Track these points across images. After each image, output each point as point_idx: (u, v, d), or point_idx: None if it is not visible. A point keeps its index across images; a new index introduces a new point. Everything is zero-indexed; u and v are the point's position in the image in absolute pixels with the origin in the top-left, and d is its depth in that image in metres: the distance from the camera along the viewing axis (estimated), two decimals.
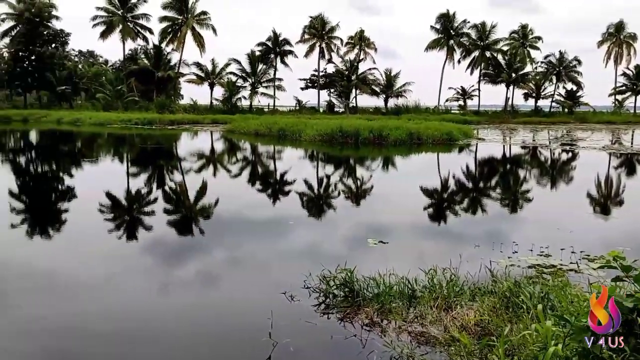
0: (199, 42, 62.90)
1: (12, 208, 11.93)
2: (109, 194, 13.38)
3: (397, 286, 5.80)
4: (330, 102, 74.49)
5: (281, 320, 5.22)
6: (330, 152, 26.74)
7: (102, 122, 46.63)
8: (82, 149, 29.54)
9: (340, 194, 14.62)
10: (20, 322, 5.40)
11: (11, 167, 20.45)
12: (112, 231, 9.71)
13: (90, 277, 6.86)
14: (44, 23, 64.59)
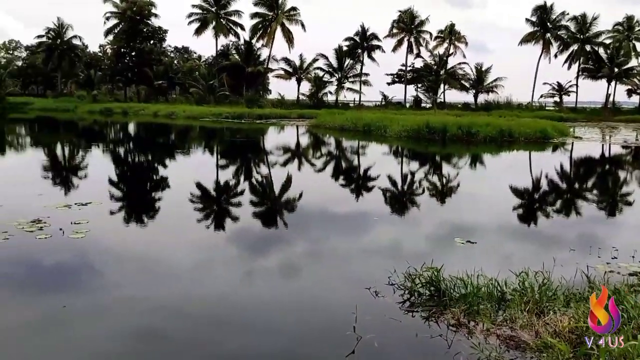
0: (288, 38, 63.95)
1: (111, 195, 12.63)
2: (200, 185, 13.85)
3: (485, 287, 5.52)
4: (417, 98, 73.32)
5: (365, 315, 5.11)
6: (415, 148, 26.26)
7: (195, 115, 48.55)
8: (176, 140, 30.89)
9: (426, 191, 14.27)
10: (118, 302, 5.65)
11: (111, 156, 21.75)
12: (202, 220, 10.02)
13: (180, 263, 7.09)
14: (144, 21, 68.16)
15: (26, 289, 6.06)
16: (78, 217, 8.93)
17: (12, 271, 6.61)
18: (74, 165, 18.52)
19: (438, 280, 5.66)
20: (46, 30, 72.15)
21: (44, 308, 5.46)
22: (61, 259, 7.13)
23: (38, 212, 9.10)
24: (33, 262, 6.99)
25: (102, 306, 5.49)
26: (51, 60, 72.07)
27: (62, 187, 13.57)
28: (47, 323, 5.07)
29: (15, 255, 7.12)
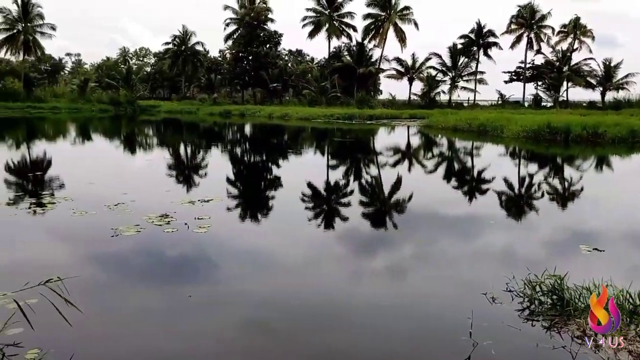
0: (400, 38, 63.49)
1: (230, 193, 13.29)
2: (310, 184, 14.15)
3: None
4: (537, 96, 69.56)
5: (482, 321, 4.94)
6: (535, 149, 24.92)
7: (307, 116, 49.68)
8: (289, 141, 31.81)
9: (546, 194, 13.48)
10: (234, 294, 5.95)
11: (229, 156, 22.89)
12: (312, 219, 10.24)
13: (291, 260, 7.31)
14: (261, 26, 71.00)
15: (156, 278, 6.57)
16: (201, 212, 9.50)
17: (143, 261, 7.21)
18: (196, 164, 19.72)
19: (561, 289, 5.33)
20: (172, 37, 77.59)
21: (172, 296, 5.87)
22: (186, 251, 7.63)
23: (166, 207, 9.79)
24: (162, 254, 7.55)
25: (220, 297, 5.83)
26: (176, 66, 77.32)
27: (187, 184, 14.48)
28: (175, 310, 5.44)
29: (147, 247, 7.74)
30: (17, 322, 4.32)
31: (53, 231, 8.66)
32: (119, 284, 6.32)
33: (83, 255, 7.42)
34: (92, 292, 5.81)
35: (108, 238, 7.82)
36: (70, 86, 79.58)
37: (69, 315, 4.34)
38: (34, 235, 8.37)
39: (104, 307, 5.51)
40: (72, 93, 73.22)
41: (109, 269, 6.87)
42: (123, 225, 8.36)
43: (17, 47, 65.71)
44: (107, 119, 51.74)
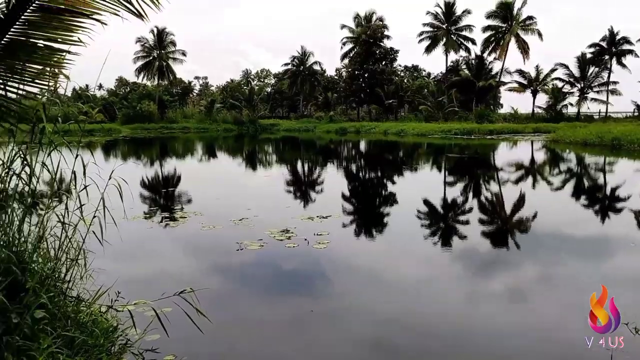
0: (522, 49, 60.73)
1: (347, 209, 13.44)
2: (427, 201, 13.91)
3: None
4: None
5: (624, 355, 4.53)
6: None
7: (423, 132, 49.04)
8: (404, 157, 31.57)
9: None
10: (352, 310, 5.98)
11: (345, 172, 23.18)
12: (428, 237, 10.07)
13: (406, 277, 7.23)
14: (377, 43, 71.47)
15: (279, 291, 6.82)
16: (320, 228, 9.71)
17: (267, 275, 7.51)
18: (313, 181, 20.19)
19: None
20: (291, 58, 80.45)
21: (295, 310, 6.06)
22: (307, 266, 7.83)
23: (286, 222, 10.13)
24: (284, 268, 7.81)
25: (340, 313, 5.90)
26: (295, 85, 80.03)
27: (305, 200, 14.86)
28: (298, 323, 5.59)
29: (270, 261, 8.06)
30: (154, 329, 4.66)
31: (185, 244, 9.28)
32: (244, 296, 6.63)
33: (211, 268, 7.87)
34: (220, 302, 6.14)
35: (234, 252, 8.23)
36: (199, 107, 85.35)
37: (200, 324, 4.62)
38: (168, 247, 9.03)
39: (232, 318, 5.79)
40: (200, 114, 78.38)
41: (235, 281, 7.23)
42: (247, 240, 8.77)
43: (152, 72, 71.72)
44: (231, 138, 54.69)
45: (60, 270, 4.21)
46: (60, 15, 3.78)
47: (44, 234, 4.06)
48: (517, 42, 60.54)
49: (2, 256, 3.57)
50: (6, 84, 4.08)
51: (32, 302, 3.55)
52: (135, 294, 5.72)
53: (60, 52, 4.04)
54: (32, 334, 3.51)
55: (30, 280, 3.64)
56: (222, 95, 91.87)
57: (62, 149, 4.27)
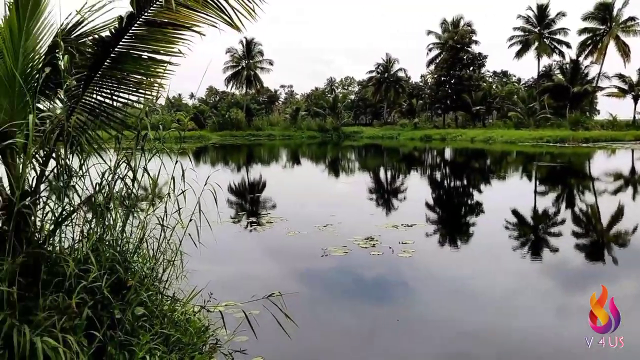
0: (623, 52, 57.15)
1: (432, 218, 13.21)
2: (515, 211, 13.38)
3: None
4: None
5: None
6: None
7: (512, 140, 47.31)
8: (491, 165, 30.56)
9: None
10: (436, 321, 5.86)
11: (429, 180, 22.78)
12: (517, 248, 9.67)
13: (491, 290, 6.97)
14: (464, 48, 69.96)
15: (364, 298, 6.80)
16: (404, 237, 9.60)
17: (352, 282, 7.53)
18: (396, 188, 20.00)
19: None
20: (376, 65, 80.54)
21: (380, 318, 6.02)
22: (392, 275, 7.77)
23: (370, 230, 10.11)
24: (369, 276, 7.79)
25: (426, 323, 5.80)
26: (379, 92, 79.89)
27: (388, 208, 14.75)
28: (384, 331, 5.54)
29: (354, 268, 8.07)
30: (243, 330, 4.79)
31: (271, 248, 9.50)
32: (330, 302, 6.68)
33: (297, 272, 7.99)
34: (306, 307, 6.21)
35: (319, 257, 8.32)
36: (284, 115, 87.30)
37: (287, 327, 4.70)
38: (255, 251, 9.28)
39: (318, 323, 5.85)
40: (285, 121, 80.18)
41: (320, 286, 7.30)
42: (332, 246, 8.83)
43: (241, 81, 74.30)
44: (314, 145, 55.41)
45: (157, 270, 4.43)
46: (163, 28, 4.00)
47: (144, 236, 4.30)
48: (617, 44, 57.09)
49: (108, 255, 3.81)
50: (113, 93, 4.36)
51: (133, 299, 3.76)
52: (225, 295, 5.91)
53: (161, 63, 4.28)
54: (132, 329, 3.71)
55: (132, 279, 3.86)
56: (306, 103, 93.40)
57: (162, 155, 4.50)
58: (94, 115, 4.34)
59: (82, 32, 4.18)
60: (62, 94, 3.83)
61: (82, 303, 3.42)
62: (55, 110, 4.39)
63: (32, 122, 3.49)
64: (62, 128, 3.91)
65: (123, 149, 4.28)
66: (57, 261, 3.69)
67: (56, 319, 3.29)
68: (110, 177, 4.14)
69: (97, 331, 3.46)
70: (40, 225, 3.90)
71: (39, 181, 3.91)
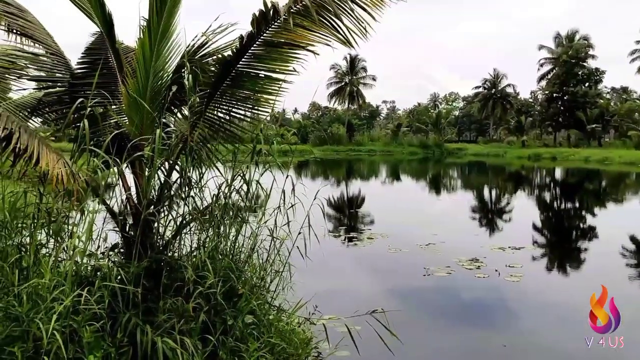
0: None
1: (541, 242, 12.55)
2: (634, 238, 12.36)
3: None
4: None
5: None
6: None
7: (633, 161, 43.85)
8: (607, 187, 28.51)
9: None
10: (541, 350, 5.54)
11: (537, 201, 21.67)
12: (634, 278, 8.92)
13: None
14: (579, 63, 66.22)
15: (468, 320, 6.58)
16: (512, 260, 9.18)
17: (455, 303, 7.33)
18: (502, 209, 19.22)
19: None
20: (483, 81, 78.40)
21: (485, 342, 5.81)
22: (498, 299, 7.45)
23: (475, 251, 9.77)
24: (473, 298, 7.54)
25: (534, 352, 5.48)
26: (485, 109, 77.51)
27: (494, 229, 14.22)
28: (491, 357, 5.35)
29: (458, 289, 7.84)
30: (345, 345, 4.81)
31: (373, 264, 9.47)
32: (433, 321, 6.56)
33: (399, 290, 7.91)
34: (409, 325, 6.11)
35: (420, 276, 8.18)
36: (385, 131, 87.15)
37: (390, 344, 4.66)
38: (357, 267, 9.32)
39: (421, 341, 5.75)
40: (386, 137, 79.95)
41: (423, 305, 7.18)
42: (434, 266, 8.65)
43: (343, 97, 75.29)
44: (415, 161, 54.72)
45: (266, 280, 4.58)
46: (279, 47, 4.18)
47: (255, 246, 4.47)
48: None
49: (223, 264, 4.01)
50: (231, 110, 4.61)
51: (244, 307, 3.92)
52: (329, 308, 5.97)
53: (276, 81, 4.46)
54: (242, 336, 3.86)
55: (243, 287, 4.02)
56: (408, 119, 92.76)
57: (272, 168, 4.67)
58: (214, 130, 4.61)
59: (206, 53, 4.47)
60: (186, 110, 4.11)
61: (198, 308, 3.62)
62: (180, 125, 4.71)
63: (159, 136, 3.77)
64: (185, 142, 4.19)
65: (238, 162, 4.50)
66: (177, 267, 3.93)
67: (175, 321, 3.50)
68: (227, 189, 4.36)
69: (211, 335, 3.63)
70: (162, 232, 4.18)
71: (163, 191, 4.20)
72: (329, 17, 3.87)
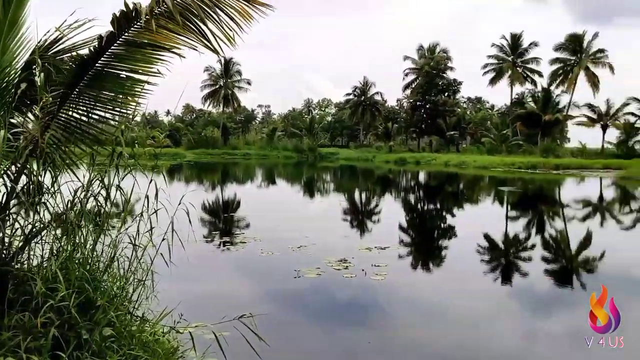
0: (592, 82, 58.95)
1: (405, 241, 13.32)
2: (487, 236, 13.58)
3: None
4: None
5: None
6: None
7: (485, 165, 48.08)
8: (464, 190, 30.99)
9: None
10: (408, 345, 5.90)
11: (402, 203, 22.99)
12: (487, 272, 9.83)
13: (463, 313, 7.05)
14: (439, 74, 71.25)
15: (336, 320, 6.81)
16: (378, 260, 9.64)
17: (324, 303, 7.55)
18: (370, 210, 20.12)
19: None
20: (353, 88, 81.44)
21: (351, 340, 6.03)
22: (364, 297, 7.79)
23: (344, 252, 10.12)
24: (341, 298, 7.81)
25: (397, 347, 5.79)
26: (355, 115, 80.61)
27: (362, 230, 14.82)
28: (355, 355, 5.55)
29: (327, 290, 8.08)
30: (213, 352, 4.74)
31: (244, 268, 9.45)
32: (302, 323, 6.67)
33: (269, 293, 7.96)
34: (278, 329, 6.17)
35: (291, 279, 8.29)
36: (260, 135, 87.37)
37: (259, 348, 4.67)
38: (228, 271, 9.23)
39: (289, 345, 5.82)
40: (262, 141, 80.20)
41: (293, 308, 7.29)
42: (305, 267, 8.82)
43: (218, 100, 74.31)
44: (290, 165, 55.47)
45: (127, 290, 4.38)
46: (142, 48, 4.02)
47: (115, 255, 4.25)
48: (587, 75, 58.90)
49: (77, 274, 3.76)
50: (89, 111, 4.35)
51: (101, 319, 3.71)
52: (196, 316, 5.85)
53: (140, 82, 4.29)
54: (99, 350, 3.66)
55: (101, 299, 3.81)
56: (283, 123, 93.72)
57: (135, 172, 4.48)
58: (69, 131, 4.32)
59: (60, 49, 4.19)
60: (37, 110, 3.81)
61: (48, 323, 3.37)
62: (29, 125, 4.36)
63: (3, 138, 3.47)
64: (35, 144, 3.88)
65: (97, 165, 4.25)
66: (25, 279, 3.63)
67: (21, 338, 3.23)
68: (83, 194, 4.10)
69: (63, 352, 3.40)
70: (8, 242, 3.84)
71: (9, 197, 3.86)
72: (195, 21, 3.80)
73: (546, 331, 6.64)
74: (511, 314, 7.33)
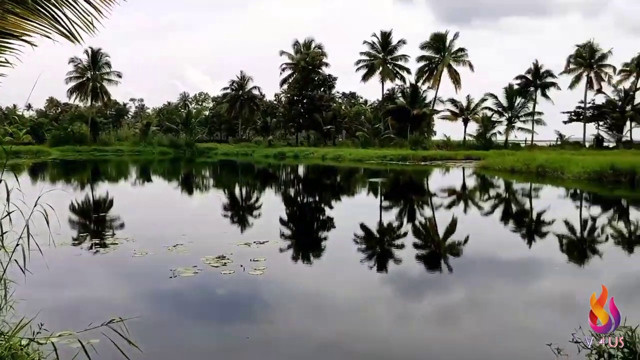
0: (454, 79, 63.32)
1: (284, 235, 13.42)
2: (363, 226, 14.11)
3: None
4: (599, 136, 67.39)
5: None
6: (598, 192, 24.00)
7: (360, 158, 49.84)
8: (341, 182, 31.94)
9: (610, 239, 12.90)
10: (290, 335, 5.95)
11: (282, 197, 23.19)
12: (364, 261, 10.21)
13: (343, 302, 7.28)
14: (315, 70, 72.47)
15: (214, 319, 6.69)
16: (257, 254, 9.61)
17: (201, 302, 7.37)
18: (250, 205, 20.05)
19: (633, 342, 5.03)
20: (230, 82, 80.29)
21: (230, 337, 5.97)
22: (243, 293, 7.73)
23: (222, 249, 9.97)
24: (219, 295, 7.69)
25: (277, 340, 5.85)
26: (234, 109, 79.68)
27: (242, 225, 14.72)
28: (234, 351, 5.49)
29: (204, 288, 7.90)
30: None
31: (115, 272, 8.97)
32: (178, 324, 6.46)
33: (143, 296, 7.63)
34: (152, 332, 5.95)
35: (167, 279, 8.01)
36: (134, 130, 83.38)
37: (130, 354, 4.44)
38: (97, 275, 8.69)
39: (165, 347, 5.63)
40: (135, 136, 76.58)
41: (168, 309, 7.04)
42: (181, 267, 8.56)
43: (86, 93, 69.60)
44: (167, 161, 53.59)
45: None
46: None
47: None
48: (450, 72, 63.10)
49: None
50: None
51: None
52: (60, 325, 5.45)
53: None
54: None
55: None
56: (158, 118, 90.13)
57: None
58: None
59: None
60: None
61: None
62: None
63: None
64: None
65: None
66: None
67: None
68: None
69: None
70: None
71: None
72: (48, 6, 3.50)
73: (422, 314, 7.05)
74: (386, 299, 7.68)
